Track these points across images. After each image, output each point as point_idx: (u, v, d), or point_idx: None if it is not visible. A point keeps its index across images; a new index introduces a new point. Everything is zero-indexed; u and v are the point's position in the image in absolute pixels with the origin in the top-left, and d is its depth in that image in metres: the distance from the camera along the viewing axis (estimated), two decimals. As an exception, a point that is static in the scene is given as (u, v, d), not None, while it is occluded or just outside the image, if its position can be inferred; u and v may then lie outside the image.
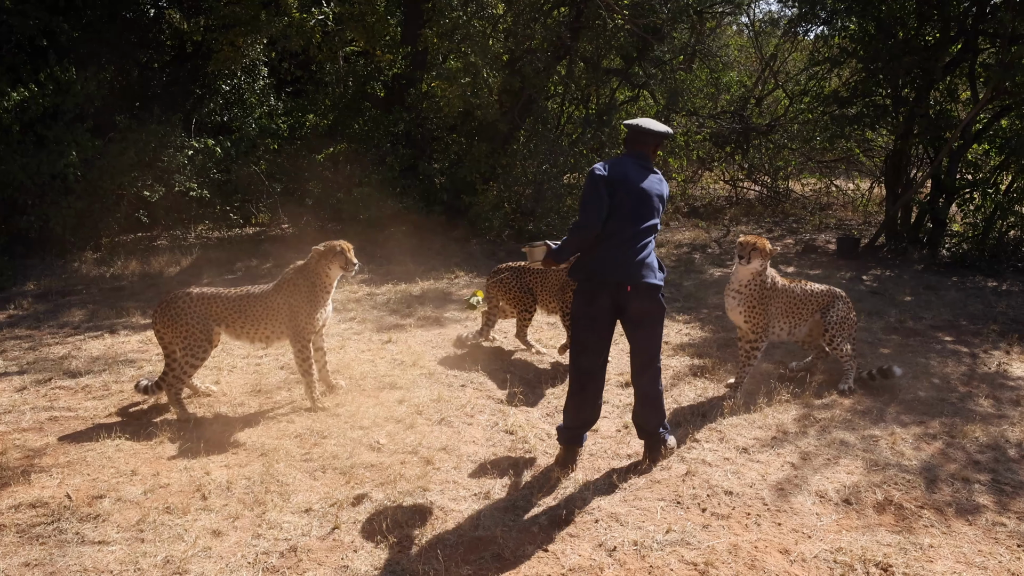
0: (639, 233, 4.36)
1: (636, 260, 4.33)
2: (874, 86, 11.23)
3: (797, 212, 15.28)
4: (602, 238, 4.36)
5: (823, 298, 5.94)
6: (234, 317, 5.53)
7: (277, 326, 5.57)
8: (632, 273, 4.32)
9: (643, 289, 4.34)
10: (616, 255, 4.33)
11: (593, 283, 4.38)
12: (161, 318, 5.48)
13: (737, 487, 4.43)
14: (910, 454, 4.88)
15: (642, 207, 4.37)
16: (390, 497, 4.26)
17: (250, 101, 13.38)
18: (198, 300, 5.52)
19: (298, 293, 5.54)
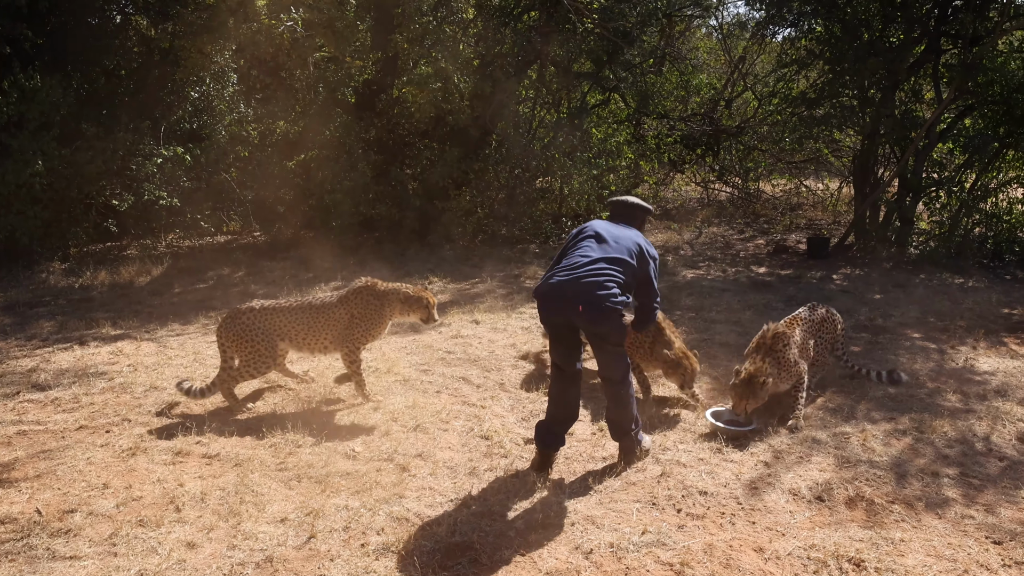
0: (597, 260, 4.48)
1: (587, 281, 4.38)
2: (841, 87, 11.39)
3: (768, 213, 15.44)
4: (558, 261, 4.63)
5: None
6: (296, 329, 5.71)
7: (335, 337, 5.77)
8: (580, 293, 4.37)
9: (594, 308, 4.37)
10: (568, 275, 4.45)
11: (546, 300, 4.49)
12: (226, 332, 5.65)
13: (711, 487, 4.47)
14: (880, 450, 4.95)
15: (605, 243, 4.57)
16: (366, 505, 4.25)
17: (219, 108, 13.28)
18: (261, 315, 5.67)
19: (367, 311, 5.71)
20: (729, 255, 11.69)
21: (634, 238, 4.67)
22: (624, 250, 4.57)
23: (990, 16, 10.25)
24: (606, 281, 4.40)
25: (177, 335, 7.82)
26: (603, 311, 4.35)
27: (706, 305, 8.62)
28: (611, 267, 4.46)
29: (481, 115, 12.40)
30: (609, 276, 4.42)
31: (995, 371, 6.41)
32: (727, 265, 10.95)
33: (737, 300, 8.79)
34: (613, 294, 4.38)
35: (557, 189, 13.56)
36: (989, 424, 5.35)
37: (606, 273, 4.42)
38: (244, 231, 13.96)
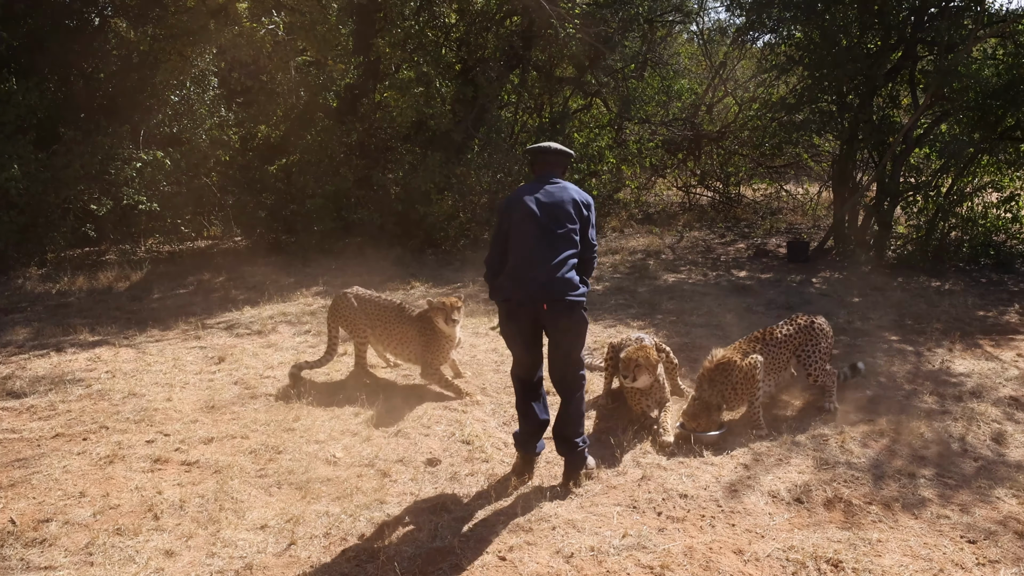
0: (555, 251, 4.36)
1: (551, 278, 4.31)
2: (820, 93, 11.48)
3: (748, 217, 15.53)
4: (512, 259, 4.45)
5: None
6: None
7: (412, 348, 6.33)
8: (547, 291, 4.30)
9: (561, 306, 4.33)
10: (528, 274, 4.35)
11: (510, 304, 4.41)
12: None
13: (692, 490, 4.49)
14: (858, 452, 5.00)
15: (550, 224, 4.40)
16: (347, 511, 4.24)
17: (200, 112, 13.21)
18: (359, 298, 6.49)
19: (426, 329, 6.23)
20: (710, 259, 11.75)
21: (569, 198, 4.48)
22: (568, 224, 4.42)
23: (965, 24, 10.37)
24: (566, 273, 4.34)
25: (156, 341, 7.77)
26: (570, 306, 4.32)
27: (687, 309, 8.66)
28: (566, 253, 4.37)
29: (463, 119, 12.42)
30: (569, 266, 4.36)
31: (970, 373, 6.48)
32: (708, 269, 11.01)
33: (718, 304, 8.84)
34: (576, 287, 4.35)
35: (539, 193, 13.54)
36: (964, 425, 5.41)
37: (565, 263, 4.35)
38: (225, 236, 13.88)
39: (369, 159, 12.55)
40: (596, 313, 8.55)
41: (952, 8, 10.40)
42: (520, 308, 4.37)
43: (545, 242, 4.36)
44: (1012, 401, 5.85)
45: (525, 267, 4.36)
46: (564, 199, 4.46)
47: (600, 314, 8.53)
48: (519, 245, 4.41)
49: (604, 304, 9.00)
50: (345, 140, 12.42)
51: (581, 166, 13.70)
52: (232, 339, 7.76)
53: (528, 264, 4.35)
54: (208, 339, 7.77)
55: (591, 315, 8.42)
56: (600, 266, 11.33)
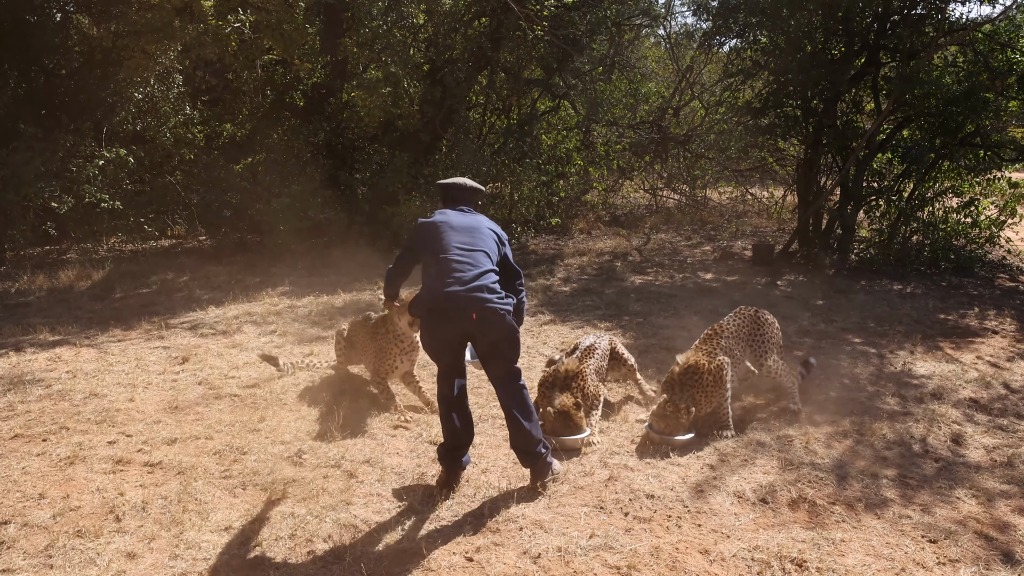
0: (478, 263, 4.31)
1: (478, 286, 4.22)
2: (785, 97, 11.61)
3: (715, 220, 15.67)
4: (435, 271, 4.30)
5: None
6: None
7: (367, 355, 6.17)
8: (474, 300, 4.20)
9: (489, 314, 4.23)
10: (452, 284, 4.22)
11: (434, 315, 4.29)
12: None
13: (658, 490, 4.52)
14: (822, 452, 5.06)
15: (473, 241, 4.38)
16: (313, 512, 4.20)
17: (164, 110, 13.02)
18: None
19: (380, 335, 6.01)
20: (677, 261, 11.84)
21: (487, 226, 4.53)
22: (488, 242, 4.44)
23: (927, 31, 10.56)
24: (492, 284, 4.28)
25: (119, 341, 7.64)
26: (499, 315, 4.23)
27: (654, 310, 8.71)
28: (489, 267, 4.34)
29: (431, 120, 12.37)
30: (493, 279, 4.32)
31: (931, 375, 6.59)
32: (675, 271, 11.08)
33: (684, 305, 8.90)
34: (502, 296, 4.30)
35: (507, 195, 13.58)
36: (926, 426, 5.50)
37: (488, 274, 4.30)
38: (189, 235, 13.70)
39: (336, 159, 12.47)
40: (564, 314, 8.58)
41: (914, 16, 10.58)
42: (446, 318, 4.25)
43: (467, 255, 4.31)
44: (972, 403, 5.96)
45: (448, 278, 4.23)
46: (481, 224, 4.51)
47: (568, 315, 8.55)
48: (441, 258, 4.29)
49: (572, 305, 9.03)
50: (312, 140, 12.32)
51: (549, 168, 13.72)
52: (196, 339, 7.65)
53: (451, 275, 4.23)
54: (172, 339, 7.66)
55: (559, 315, 8.47)
56: (568, 267, 11.36)
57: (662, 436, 5.14)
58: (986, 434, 5.40)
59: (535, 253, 12.52)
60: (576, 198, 15.97)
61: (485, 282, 4.26)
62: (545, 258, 12.06)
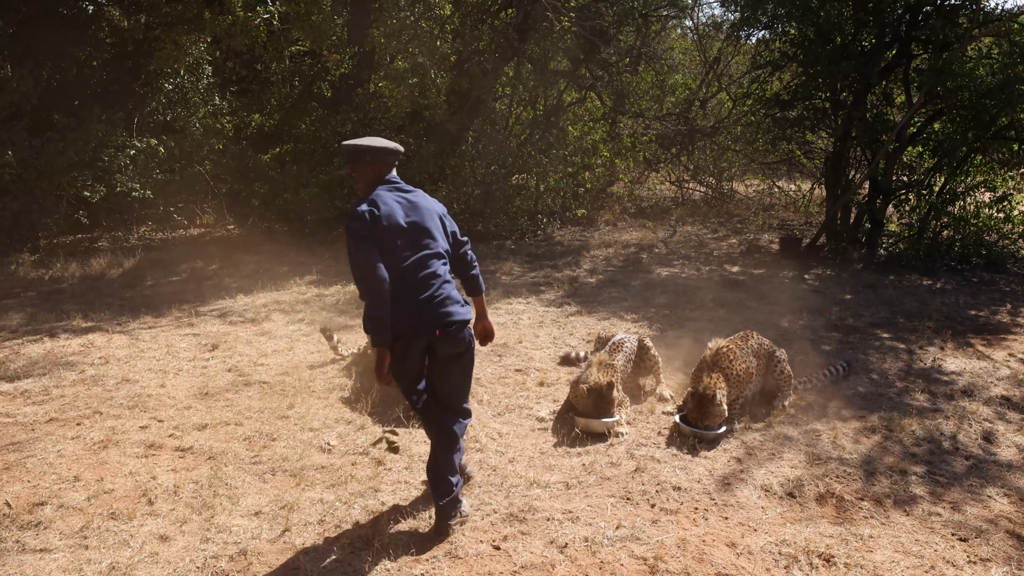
0: (436, 267, 3.84)
1: (442, 298, 3.80)
2: (814, 90, 11.49)
3: (741, 212, 15.55)
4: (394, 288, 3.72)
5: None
6: None
7: None
8: (440, 315, 3.78)
9: (454, 329, 3.83)
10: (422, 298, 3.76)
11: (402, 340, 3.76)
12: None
13: (685, 482, 4.50)
14: (850, 447, 5.02)
15: (419, 231, 3.82)
16: (341, 498, 4.24)
17: (194, 100, 13.14)
18: None
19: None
20: (703, 254, 11.77)
21: (426, 205, 3.92)
22: (436, 226, 3.92)
23: (959, 22, 10.39)
24: (452, 291, 3.88)
25: (150, 328, 7.73)
26: (462, 325, 3.86)
27: (680, 303, 8.67)
28: (446, 266, 3.93)
29: (458, 111, 12.39)
30: (452, 284, 3.92)
31: (962, 371, 6.51)
32: (701, 264, 11.02)
33: (711, 298, 8.85)
34: (463, 304, 3.92)
35: (533, 186, 13.57)
36: (956, 423, 5.43)
37: (448, 280, 3.90)
38: (218, 224, 13.82)
39: (364, 149, 12.50)
40: (590, 305, 8.56)
41: (947, 7, 10.41)
42: (415, 339, 3.77)
43: (426, 262, 3.80)
44: (1003, 400, 5.88)
45: (413, 294, 3.74)
46: (421, 204, 3.90)
47: (594, 306, 8.53)
48: (401, 270, 3.74)
49: (598, 297, 9.01)
50: (339, 130, 12.37)
51: (575, 159, 13.68)
52: (225, 327, 7.73)
53: (416, 290, 3.75)
54: (201, 326, 7.74)
55: (585, 306, 8.47)
56: (593, 259, 11.34)
57: (693, 430, 5.12)
58: (1018, 432, 5.32)
59: (561, 244, 12.50)
60: (602, 189, 15.93)
61: (449, 291, 3.85)
62: (571, 249, 12.04)
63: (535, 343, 7.22)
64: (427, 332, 3.76)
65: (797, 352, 6.84)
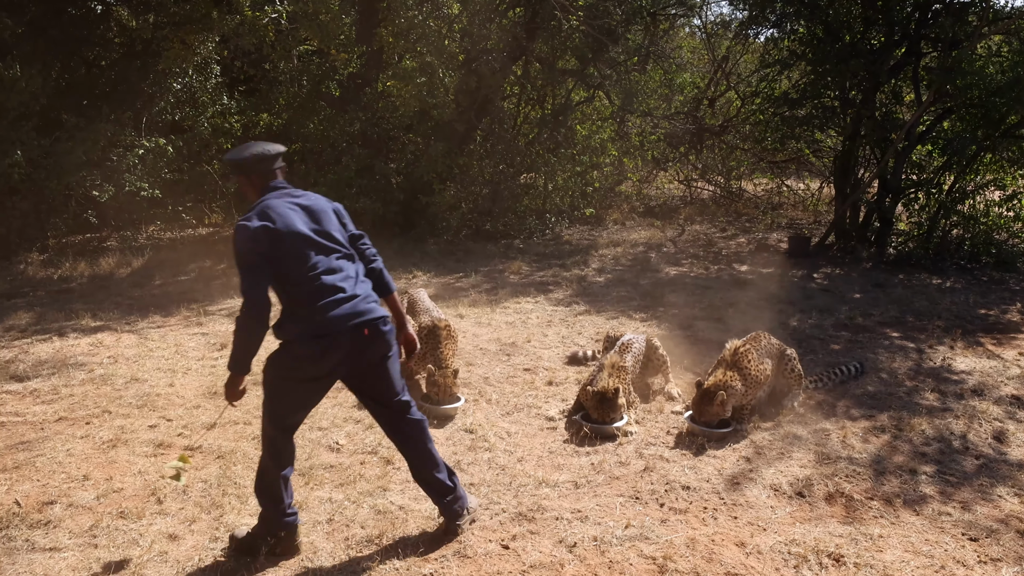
0: (350, 267, 3.68)
1: (365, 298, 3.63)
2: (822, 88, 11.46)
3: (750, 212, 15.53)
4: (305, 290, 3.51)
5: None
6: None
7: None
8: (362, 314, 3.58)
9: (383, 325, 3.66)
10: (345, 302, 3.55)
11: (323, 342, 3.50)
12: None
13: (694, 482, 4.50)
14: (859, 447, 5.00)
15: (321, 235, 3.61)
16: (350, 498, 4.25)
17: (202, 100, 13.16)
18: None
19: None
20: (711, 253, 11.76)
21: (322, 206, 3.72)
22: (337, 228, 3.73)
23: (969, 20, 10.35)
24: (371, 290, 3.74)
25: (158, 327, 7.76)
26: (386, 320, 3.70)
27: (689, 302, 8.66)
28: (357, 266, 3.76)
29: (466, 110, 12.39)
30: (369, 283, 3.77)
31: (972, 371, 6.48)
32: (709, 263, 11.01)
33: (719, 297, 8.84)
34: (377, 300, 3.74)
35: (541, 185, 13.57)
36: (966, 423, 5.41)
37: (365, 280, 3.75)
38: (226, 223, 13.84)
39: (371, 148, 12.52)
40: (598, 304, 8.56)
41: (957, 4, 10.38)
42: (334, 347, 3.52)
43: (335, 264, 3.61)
44: (1014, 400, 5.85)
45: (327, 299, 3.51)
46: (317, 206, 3.69)
47: (602, 305, 8.53)
48: (309, 278, 3.51)
49: (606, 296, 9.01)
50: (347, 129, 12.39)
51: (583, 158, 13.68)
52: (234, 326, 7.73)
53: (329, 295, 3.52)
54: (210, 326, 7.76)
55: (594, 305, 8.47)
56: (602, 258, 11.33)
57: (702, 428, 5.12)
58: (1029, 431, 5.30)
59: (569, 243, 12.50)
60: (610, 189, 15.93)
61: (368, 290, 3.70)
62: (579, 248, 12.04)
63: (543, 342, 7.22)
64: (355, 335, 3.53)
65: (806, 351, 6.83)
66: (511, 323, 7.87)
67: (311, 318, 3.49)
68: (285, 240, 3.48)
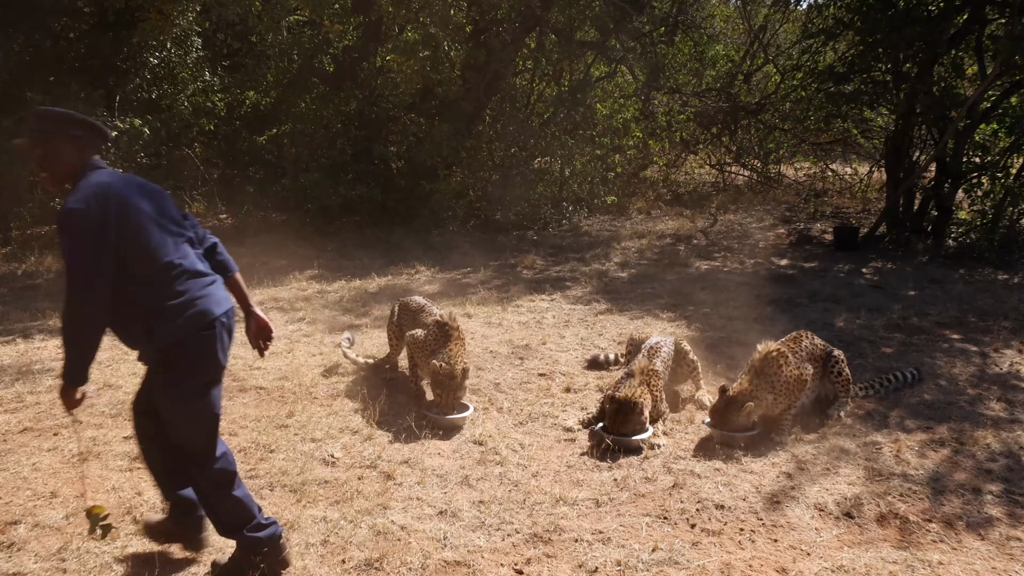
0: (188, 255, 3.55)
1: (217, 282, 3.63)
2: (873, 60, 11.38)
3: (790, 199, 15.47)
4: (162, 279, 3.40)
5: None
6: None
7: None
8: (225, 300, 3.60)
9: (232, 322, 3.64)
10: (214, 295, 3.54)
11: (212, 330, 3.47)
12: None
13: (729, 500, 4.48)
14: (915, 462, 4.97)
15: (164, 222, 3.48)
16: (347, 516, 4.25)
17: (182, 76, 13.22)
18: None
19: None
20: (747, 245, 11.72)
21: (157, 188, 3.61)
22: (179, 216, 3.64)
23: (1042, -18, 10.27)
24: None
25: (133, 328, 7.78)
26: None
27: (722, 300, 8.64)
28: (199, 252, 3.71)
29: (474, 87, 12.38)
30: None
31: (1042, 376, 6.44)
32: (745, 256, 10.98)
33: (756, 295, 8.82)
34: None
35: (557, 170, 13.56)
36: (1036, 434, 5.37)
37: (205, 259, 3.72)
38: (208, 213, 13.91)
39: (369, 130, 12.54)
40: (621, 303, 8.55)
41: (1026, -35, 10.29)
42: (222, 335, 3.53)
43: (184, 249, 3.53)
44: (1089, 408, 5.81)
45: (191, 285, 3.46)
46: (153, 188, 3.58)
47: (625, 304, 8.52)
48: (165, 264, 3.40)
49: (630, 293, 9.00)
50: (343, 108, 12.42)
51: (604, 140, 13.66)
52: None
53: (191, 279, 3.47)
54: (191, 327, 7.79)
55: (616, 304, 8.46)
56: (625, 251, 11.32)
57: (721, 432, 5.14)
58: (1106, 444, 5.26)
59: (588, 235, 12.49)
60: (634, 174, 15.90)
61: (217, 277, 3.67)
62: (600, 240, 12.02)
63: (560, 345, 7.22)
64: (227, 322, 3.53)
65: (855, 355, 6.80)
66: (524, 323, 7.87)
67: (179, 310, 3.38)
68: (129, 224, 3.29)
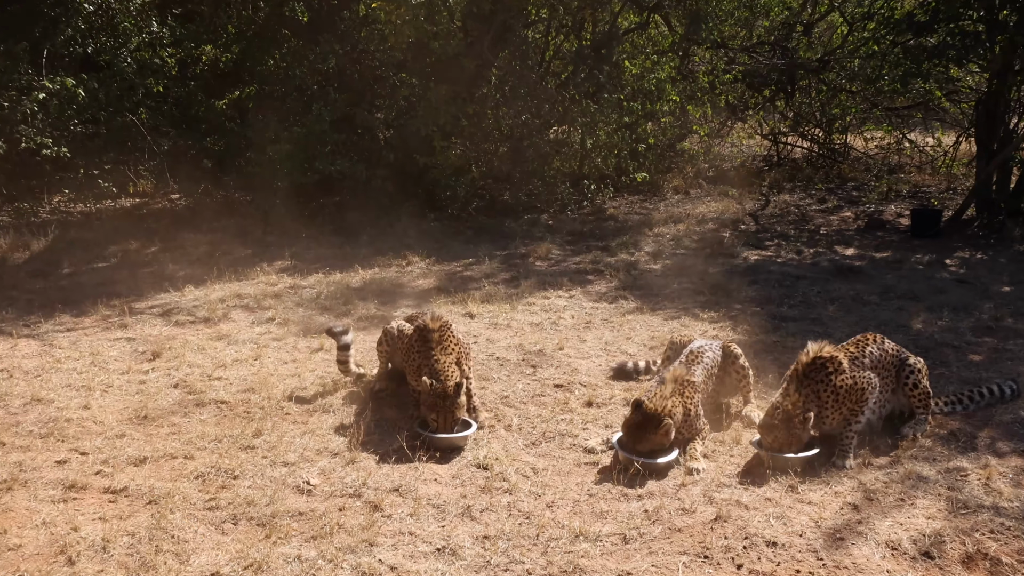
0: None
1: None
2: (962, 6, 11.35)
3: (858, 176, 15.44)
4: None
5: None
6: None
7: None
8: None
9: None
10: None
11: None
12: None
13: (782, 536, 4.50)
14: (1009, 493, 4.98)
15: None
16: (325, 555, 4.28)
17: (124, 26, 13.21)
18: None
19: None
20: (806, 231, 11.73)
21: None
22: None
23: None
24: None
25: (68, 330, 7.85)
26: None
27: (775, 297, 8.65)
28: None
29: (477, 41, 12.38)
30: None
31: None
32: (803, 245, 10.98)
33: (816, 291, 8.82)
34: None
35: (577, 142, 13.56)
36: None
37: None
38: (158, 192, 13.96)
39: (352, 93, 12.55)
40: (653, 300, 8.56)
41: None
42: None
43: None
44: None
45: None
46: None
47: (658, 302, 8.53)
48: None
49: (664, 289, 9.01)
50: (319, 67, 12.42)
51: (634, 105, 13.64)
52: (170, 328, 7.83)
53: None
54: (137, 328, 7.85)
55: (647, 301, 8.48)
56: (658, 239, 11.32)
57: (771, 453, 5.16)
58: None
59: (614, 219, 12.50)
60: (670, 146, 15.87)
61: None
62: (628, 226, 12.03)
63: (580, 350, 7.24)
64: None
65: (936, 363, 6.80)
66: (537, 324, 7.89)
67: None
68: None
